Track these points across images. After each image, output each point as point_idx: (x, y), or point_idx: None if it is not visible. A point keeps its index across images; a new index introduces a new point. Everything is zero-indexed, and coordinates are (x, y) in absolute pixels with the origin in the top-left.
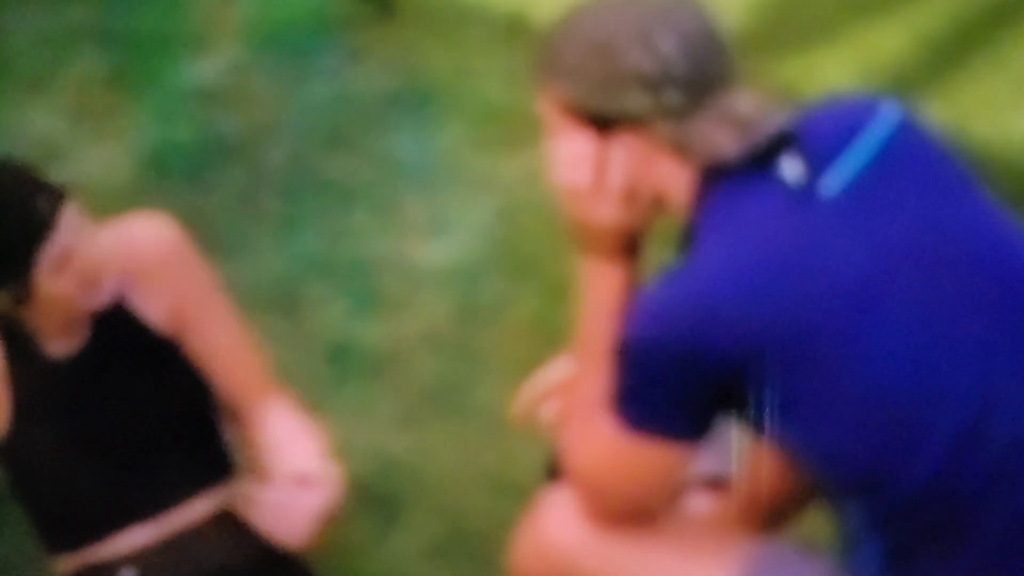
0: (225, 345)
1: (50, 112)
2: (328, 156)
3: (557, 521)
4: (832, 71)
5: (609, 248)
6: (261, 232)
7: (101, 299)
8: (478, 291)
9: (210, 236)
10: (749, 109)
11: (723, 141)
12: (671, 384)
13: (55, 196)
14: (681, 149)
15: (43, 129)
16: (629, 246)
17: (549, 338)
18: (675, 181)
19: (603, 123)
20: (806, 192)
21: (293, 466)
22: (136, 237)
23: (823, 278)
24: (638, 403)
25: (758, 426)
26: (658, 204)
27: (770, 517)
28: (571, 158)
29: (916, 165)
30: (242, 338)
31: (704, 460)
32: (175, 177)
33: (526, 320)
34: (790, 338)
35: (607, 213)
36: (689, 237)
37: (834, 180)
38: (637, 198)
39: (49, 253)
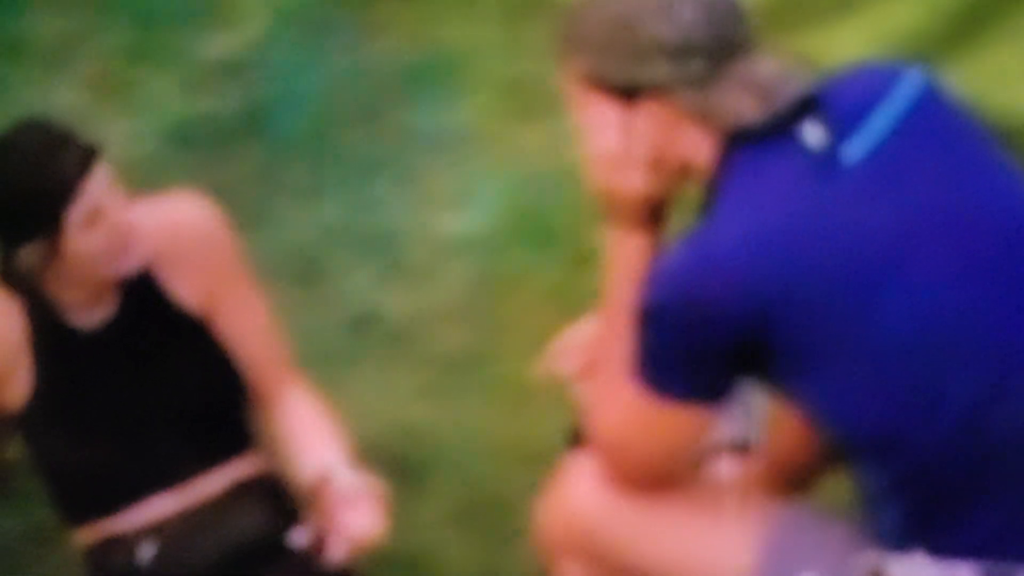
0: (251, 328)
1: (73, 86)
2: (350, 128)
3: (580, 488)
4: (849, 43)
5: (635, 216)
6: (284, 204)
7: (129, 266)
8: (500, 261)
9: (233, 208)
10: (771, 75)
11: (746, 107)
12: (691, 348)
13: (86, 153)
14: (704, 116)
15: (66, 103)
16: (654, 214)
17: (571, 307)
18: (699, 148)
19: (627, 93)
20: (828, 158)
21: (315, 466)
22: (175, 218)
23: (842, 242)
24: (659, 367)
25: (778, 388)
26: (683, 172)
27: (792, 481)
28: (596, 128)
29: (939, 132)
30: (267, 322)
31: (726, 425)
32: (198, 150)
33: (548, 289)
34: (808, 301)
35: (633, 181)
36: (710, 202)
37: (857, 146)
38: (662, 166)
39: (78, 209)
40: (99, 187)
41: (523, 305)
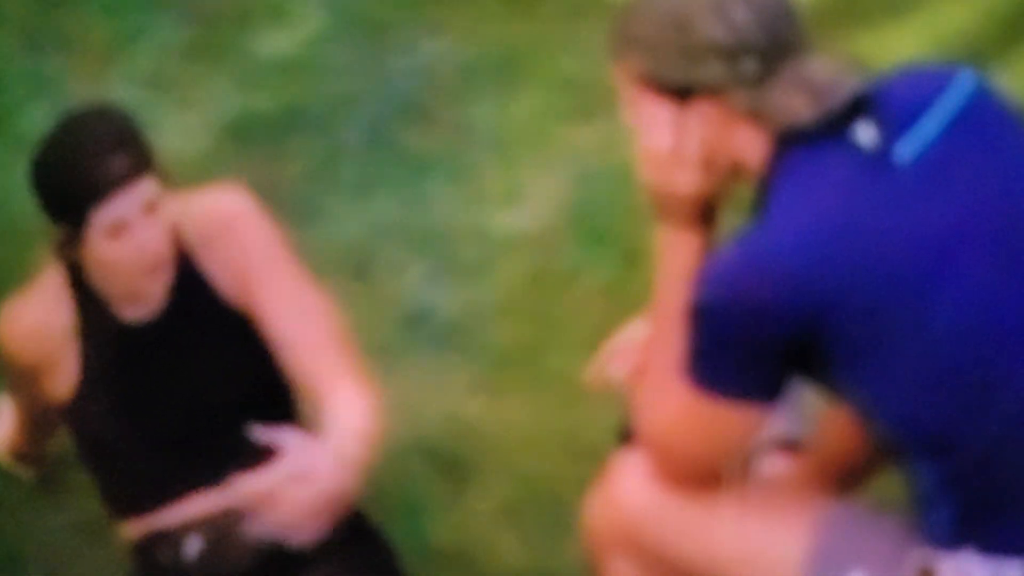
0: (296, 319)
1: (129, 83)
2: (406, 126)
3: (629, 484)
4: (901, 45)
5: (687, 216)
6: (339, 200)
7: (155, 287)
8: (553, 258)
9: (287, 205)
10: (823, 75)
11: (798, 107)
12: (742, 346)
13: (134, 165)
14: (757, 116)
15: (121, 99)
16: (706, 214)
17: (623, 305)
18: (751, 148)
19: (680, 93)
20: (880, 158)
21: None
22: (209, 204)
23: (894, 241)
24: (710, 365)
25: (830, 388)
26: (735, 171)
27: (843, 479)
28: (649, 128)
29: (991, 133)
30: (316, 311)
31: (777, 422)
32: (254, 147)
33: (600, 287)
34: (859, 301)
35: (685, 181)
36: (763, 202)
37: (909, 146)
38: (714, 165)
39: (104, 215)
40: (133, 203)
41: (575, 302)
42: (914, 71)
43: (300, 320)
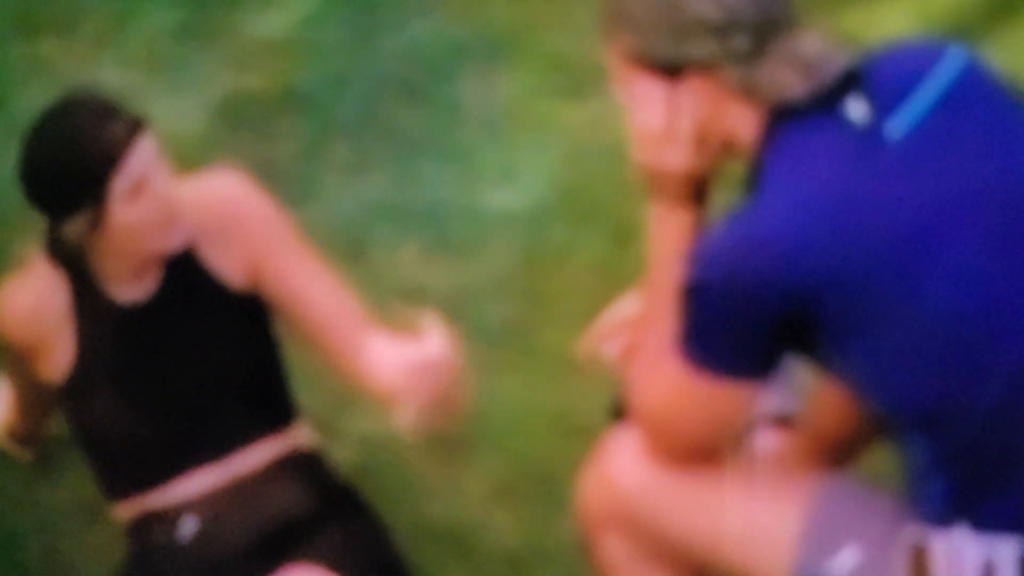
0: (314, 289)
1: (121, 65)
2: (398, 105)
3: (622, 461)
4: (890, 21)
5: (679, 193)
6: (331, 180)
7: (174, 242)
8: (545, 236)
9: (280, 185)
10: (814, 50)
11: (790, 82)
12: (735, 323)
13: (133, 123)
14: (749, 92)
15: (115, 82)
16: (698, 191)
17: (615, 282)
18: (743, 124)
19: (672, 70)
20: (871, 133)
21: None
22: (210, 193)
23: (887, 216)
24: (703, 343)
25: (822, 363)
26: (727, 148)
27: (836, 454)
28: (641, 105)
29: (982, 108)
30: (331, 282)
31: (770, 398)
32: (245, 127)
33: (592, 264)
34: (851, 277)
35: (677, 158)
36: (755, 179)
37: (900, 121)
38: (706, 143)
39: (123, 178)
40: (145, 158)
41: (567, 280)
42: (904, 47)
43: (325, 296)
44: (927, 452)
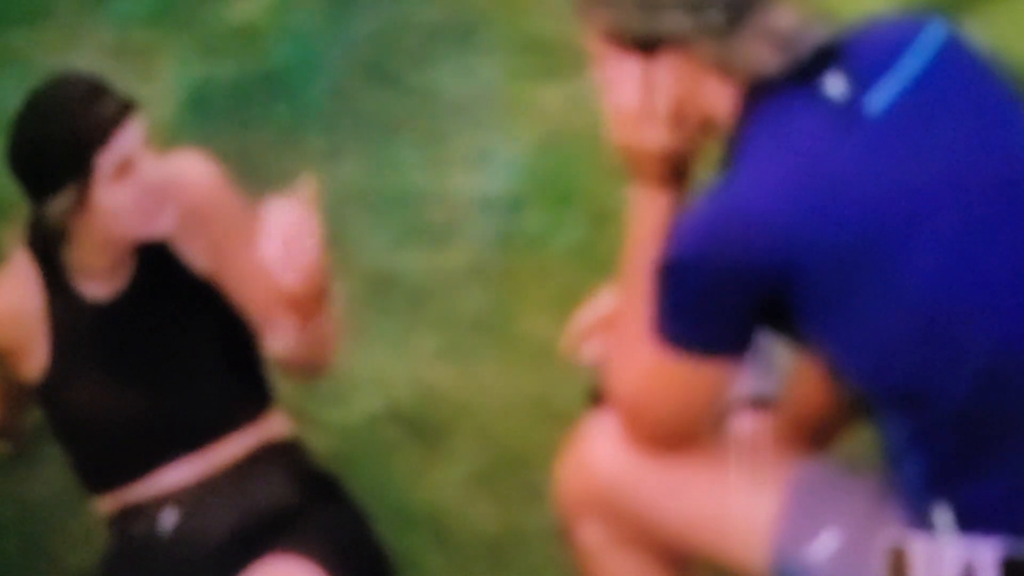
0: (263, 276)
1: (92, 53)
2: (370, 90)
3: (600, 446)
4: None
5: (658, 173)
6: (305, 166)
7: (157, 229)
8: (521, 221)
9: (254, 172)
10: (789, 25)
11: (765, 56)
12: (712, 301)
13: (122, 104)
14: (724, 67)
15: (85, 68)
16: (677, 171)
17: (592, 266)
18: (720, 100)
19: (646, 46)
20: (850, 109)
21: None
22: (175, 177)
23: (865, 193)
24: (679, 321)
25: (800, 341)
26: (705, 127)
27: (815, 436)
28: (617, 83)
29: (962, 83)
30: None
31: (747, 380)
32: (218, 115)
33: (569, 249)
34: (828, 254)
35: (655, 137)
36: (731, 155)
37: (879, 97)
38: (684, 120)
39: (109, 156)
40: (133, 139)
41: (543, 265)
42: (883, 23)
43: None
44: (904, 431)
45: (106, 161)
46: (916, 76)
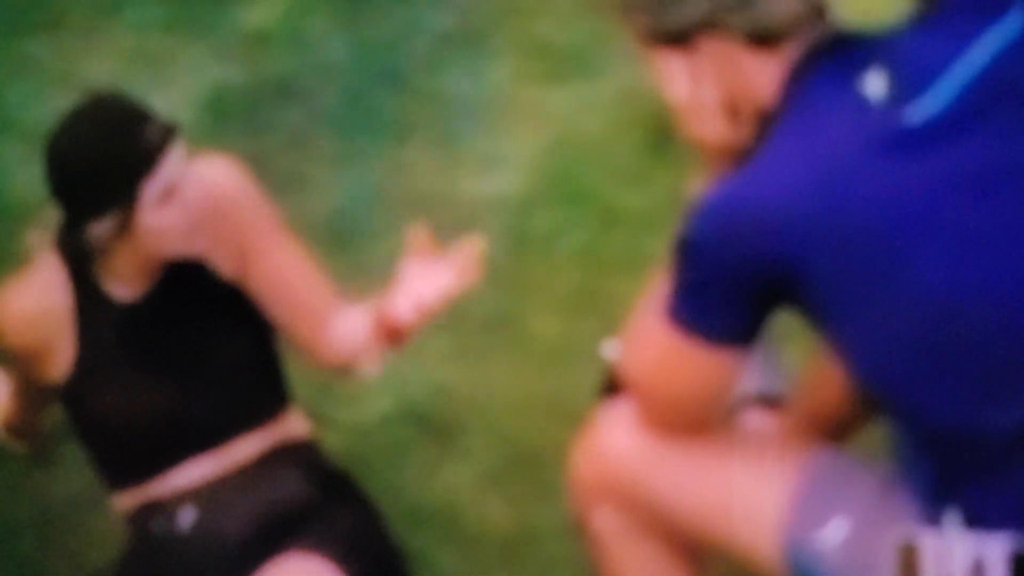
0: (291, 277)
1: (108, 59)
2: (382, 94)
3: (615, 433)
4: None
5: (726, 165)
6: (317, 170)
7: (194, 249)
8: (531, 222)
9: (268, 176)
10: None
11: (791, 9)
12: (724, 285)
13: (166, 129)
14: (759, 38)
15: (101, 76)
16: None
17: (601, 267)
18: (765, 81)
19: (683, 40)
20: (887, 113)
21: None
22: (201, 182)
23: (879, 200)
24: (691, 304)
25: (815, 330)
26: (761, 115)
27: (829, 432)
28: (668, 82)
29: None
30: (310, 274)
31: (755, 377)
32: (233, 120)
33: (578, 249)
34: (836, 253)
35: (715, 128)
36: (765, 135)
37: (921, 109)
38: (738, 109)
39: (155, 183)
40: (176, 164)
41: (553, 265)
42: (948, 12)
43: (301, 287)
44: (912, 434)
45: (151, 188)
46: (968, 84)
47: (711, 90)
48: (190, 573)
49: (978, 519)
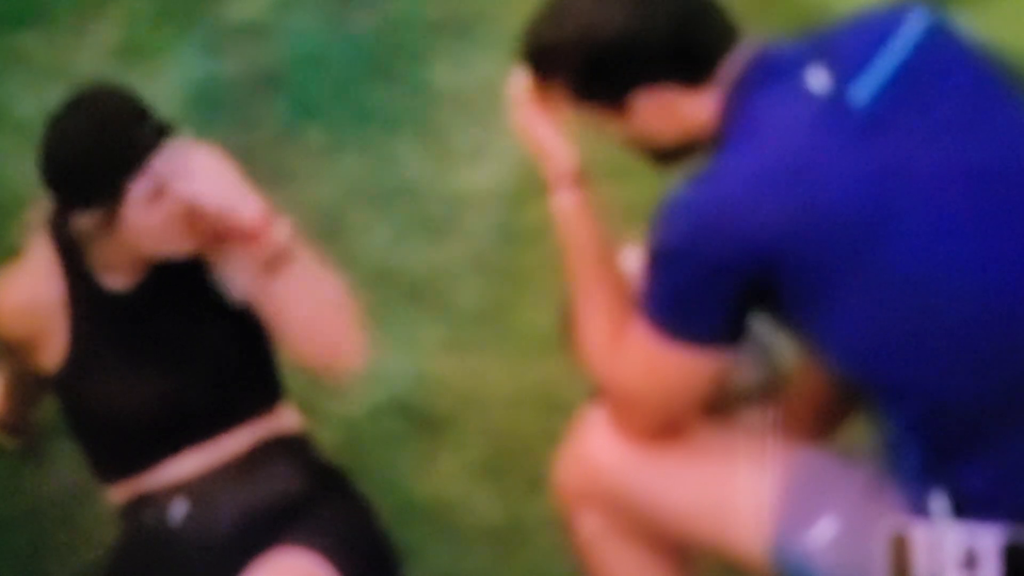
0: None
1: (97, 51)
2: (371, 86)
3: (598, 439)
4: None
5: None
6: (306, 162)
7: (183, 250)
8: (520, 214)
9: (256, 168)
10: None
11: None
12: (700, 288)
13: (160, 129)
14: (689, 77)
15: (90, 68)
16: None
17: None
18: (707, 110)
19: (615, 102)
20: (835, 101)
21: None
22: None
23: (847, 185)
24: (669, 309)
25: (794, 329)
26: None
27: (815, 426)
28: (602, 125)
29: (951, 73)
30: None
31: (747, 371)
32: (221, 112)
33: None
34: (810, 244)
35: (669, 147)
36: (716, 144)
37: (863, 87)
38: (683, 134)
39: (142, 182)
40: (167, 165)
41: (542, 257)
42: (864, 15)
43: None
44: (898, 419)
45: (139, 187)
46: (900, 65)
47: (650, 131)
48: (182, 566)
49: (966, 501)
